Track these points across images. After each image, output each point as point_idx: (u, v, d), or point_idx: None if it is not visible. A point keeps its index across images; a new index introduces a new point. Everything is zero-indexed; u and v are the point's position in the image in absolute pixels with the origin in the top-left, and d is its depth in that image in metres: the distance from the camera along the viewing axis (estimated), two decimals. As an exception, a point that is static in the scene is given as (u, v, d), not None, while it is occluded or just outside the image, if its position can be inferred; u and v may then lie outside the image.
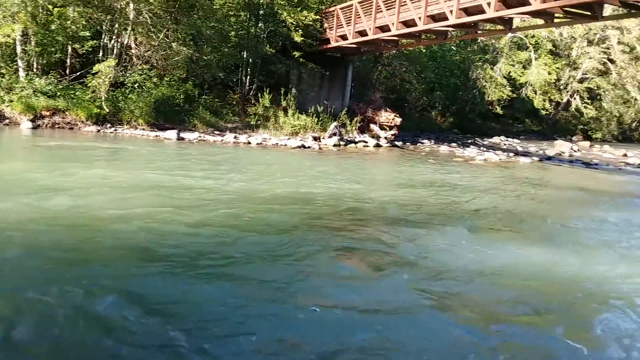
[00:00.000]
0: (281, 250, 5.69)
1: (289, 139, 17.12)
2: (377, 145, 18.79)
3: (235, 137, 16.31)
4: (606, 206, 10.95)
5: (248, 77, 19.79)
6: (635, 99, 34.68)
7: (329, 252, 5.87)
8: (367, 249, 6.25)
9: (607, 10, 18.68)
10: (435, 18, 14.20)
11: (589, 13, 11.99)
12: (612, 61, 33.29)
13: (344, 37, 18.08)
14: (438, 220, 7.95)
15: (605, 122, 35.11)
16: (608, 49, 33.24)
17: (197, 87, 18.01)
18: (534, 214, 9.35)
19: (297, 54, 18.65)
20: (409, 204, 8.99)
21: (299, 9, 18.29)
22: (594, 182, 14.91)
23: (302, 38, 18.21)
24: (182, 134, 15.55)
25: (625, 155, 23.46)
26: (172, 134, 15.30)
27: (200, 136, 15.87)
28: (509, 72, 29.92)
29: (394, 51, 23.08)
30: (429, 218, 8.08)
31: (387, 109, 20.60)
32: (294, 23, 18.05)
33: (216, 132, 16.90)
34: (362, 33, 17.07)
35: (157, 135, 15.34)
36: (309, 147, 16.53)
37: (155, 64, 17.69)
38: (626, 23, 31.82)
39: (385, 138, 19.51)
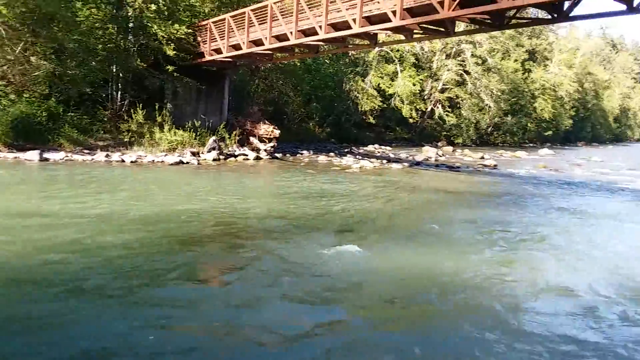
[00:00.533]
0: (134, 271, 5.60)
1: (165, 155, 16.67)
2: (258, 158, 18.97)
3: (107, 156, 15.53)
4: (466, 205, 12.10)
5: (119, 92, 18.95)
6: (489, 107, 38.62)
7: (185, 269, 5.90)
8: (227, 263, 6.39)
9: (460, 26, 20.71)
10: (306, 33, 14.72)
11: (443, 29, 13.17)
12: (467, 72, 36.81)
13: (218, 51, 18.05)
14: (312, 229, 8.27)
15: (464, 128, 38.51)
16: (463, 61, 36.72)
17: (62, 104, 16.86)
18: (404, 217, 10.09)
19: (170, 68, 18.23)
20: (285, 215, 9.23)
21: (170, 22, 17.92)
22: (457, 183, 16.35)
23: (174, 52, 17.85)
24: (45, 155, 14.48)
25: (482, 157, 25.93)
26: (33, 154, 14.18)
27: (67, 156, 14.89)
28: (379, 84, 31.82)
29: (269, 64, 23.48)
30: (304, 227, 8.36)
31: (266, 122, 20.89)
32: (166, 36, 17.65)
33: (85, 151, 15.96)
34: (237, 47, 17.17)
35: (16, 157, 14.13)
36: (187, 162, 16.23)
37: (12, 80, 16.29)
38: (477, 38, 35.45)
39: (265, 150, 19.75)
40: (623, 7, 9.58)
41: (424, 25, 12.73)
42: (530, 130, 46.57)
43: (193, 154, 17.20)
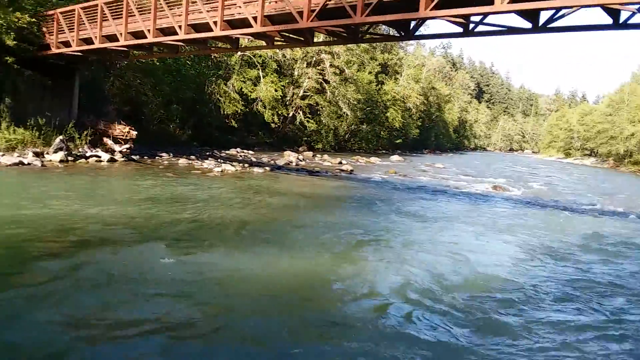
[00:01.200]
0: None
1: (3, 155, 15.03)
2: (112, 160, 17.89)
3: None
4: (321, 209, 12.70)
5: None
6: (347, 115, 40.71)
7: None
8: (46, 273, 6.01)
9: (319, 37, 21.61)
10: (165, 32, 14.32)
11: (302, 39, 13.67)
12: (327, 81, 38.43)
13: (66, 44, 16.76)
14: (158, 236, 8.06)
15: (324, 134, 40.12)
16: (323, 70, 38.27)
17: None
18: (259, 222, 10.28)
19: (10, 59, 16.47)
20: (131, 222, 8.85)
21: (10, 9, 16.20)
22: (315, 188, 17.03)
23: (15, 42, 16.18)
24: None
25: (340, 163, 27.26)
26: None
27: None
28: (241, 88, 31.87)
29: (126, 62, 22.33)
30: (150, 235, 8.13)
31: (122, 122, 19.79)
32: (5, 25, 15.93)
33: None
34: (88, 41, 16.11)
35: None
36: (29, 164, 14.81)
37: None
38: (336, 49, 37.17)
39: (121, 152, 18.70)
40: (460, 29, 10.86)
41: (285, 34, 13.14)
42: (383, 138, 49.98)
43: (36, 154, 15.71)
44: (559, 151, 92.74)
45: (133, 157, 19.12)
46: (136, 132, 19.62)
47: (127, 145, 19.14)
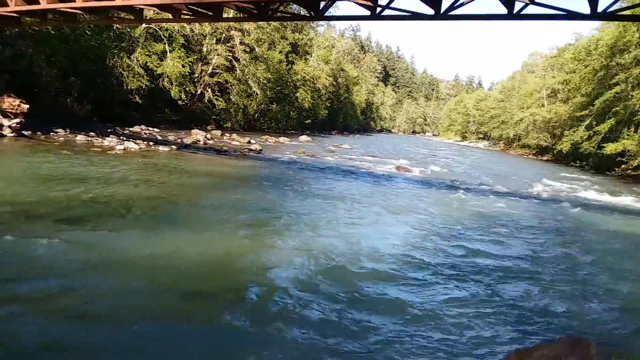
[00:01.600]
0: None
1: None
2: (0, 135, 16.55)
3: None
4: (227, 189, 12.65)
5: None
6: (256, 94, 40.36)
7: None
8: None
9: (229, 12, 21.20)
10: (61, -1, 13.40)
11: (211, 13, 13.39)
12: (236, 59, 37.78)
13: (-55, 6, 15.12)
14: (48, 218, 7.63)
15: (233, 113, 39.54)
16: (233, 47, 37.54)
17: None
18: (167, 201, 10.12)
19: None
20: (21, 202, 8.34)
21: None
22: (223, 167, 16.92)
23: None
24: None
25: (249, 142, 27.10)
26: None
27: None
28: (146, 62, 30.47)
29: (17, 30, 20.54)
30: (38, 216, 7.69)
31: (12, 94, 18.26)
32: None
33: None
34: (-29, 4, 14.66)
35: None
36: None
37: None
38: (246, 26, 36.59)
39: (10, 127, 17.32)
40: (368, 12, 11.23)
41: (192, 7, 12.82)
42: (293, 118, 50.22)
43: None
44: (457, 134, 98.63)
45: (24, 132, 17.78)
46: (28, 106, 18.21)
47: (18, 120, 17.75)
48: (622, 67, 31.74)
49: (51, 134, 19.22)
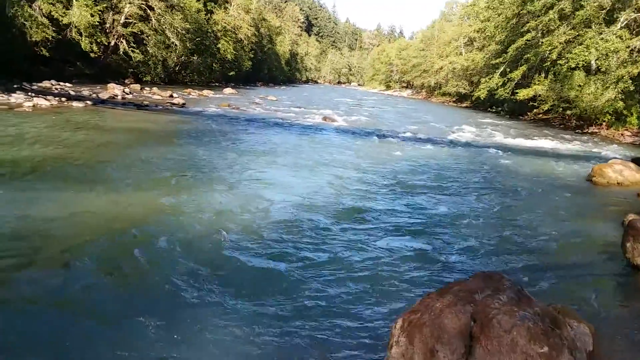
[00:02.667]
0: None
1: None
2: None
3: None
4: (150, 145, 12.17)
5: None
6: (176, 45, 38.57)
7: None
8: None
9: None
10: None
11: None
12: (151, 8, 35.69)
13: None
14: None
15: (152, 65, 37.68)
16: (147, -5, 35.36)
17: None
18: (82, 159, 9.61)
19: None
20: None
21: None
22: (144, 123, 16.27)
23: None
24: None
25: (171, 96, 26.10)
26: None
27: None
28: (50, 11, 28.12)
29: None
30: None
31: None
32: None
33: None
34: None
35: None
36: None
37: None
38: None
39: None
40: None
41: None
42: (216, 70, 48.68)
43: None
44: (381, 84, 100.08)
45: None
46: None
47: None
48: (533, 15, 33.09)
49: (-53, 92, 17.55)
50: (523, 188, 10.50)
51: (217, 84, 45.96)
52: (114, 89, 24.62)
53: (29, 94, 19.40)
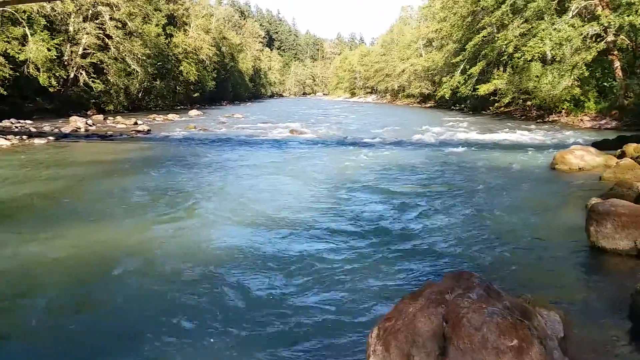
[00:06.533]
0: None
1: None
2: None
3: None
4: (117, 174, 12.05)
5: None
6: (137, 71, 38.25)
7: None
8: None
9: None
10: None
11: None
12: (109, 37, 35.35)
13: None
14: None
15: (114, 94, 37.26)
16: (103, 24, 35.01)
17: None
18: (50, 196, 9.46)
19: None
20: None
21: None
22: (110, 153, 16.09)
23: None
24: None
25: (136, 123, 25.90)
26: None
27: None
28: (6, 49, 27.61)
29: None
30: None
31: None
32: None
33: None
34: None
35: None
36: None
37: None
38: (115, 0, 34.24)
39: None
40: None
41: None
42: (180, 92, 48.47)
43: None
44: (346, 91, 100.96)
45: None
46: None
47: None
48: (487, 11, 33.94)
49: None
50: (489, 182, 10.72)
51: (181, 107, 45.68)
52: (77, 122, 24.28)
53: (-12, 135, 18.96)
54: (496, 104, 32.37)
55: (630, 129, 19.86)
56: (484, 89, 32.43)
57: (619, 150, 13.10)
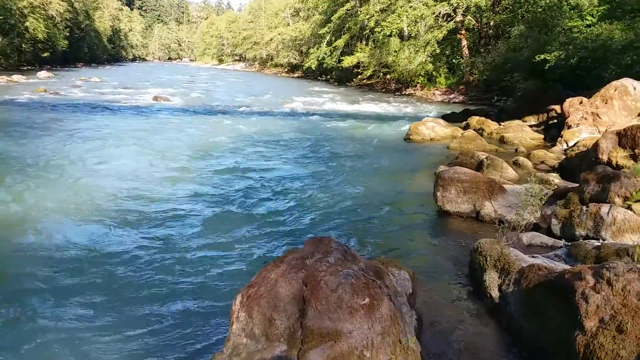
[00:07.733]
0: None
1: None
2: None
3: None
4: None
5: None
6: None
7: None
8: None
9: None
10: None
11: None
12: None
13: None
14: None
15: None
16: None
17: None
18: None
19: None
20: None
21: None
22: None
23: None
24: None
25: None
26: None
27: None
28: None
29: None
30: None
31: None
32: None
33: None
34: None
35: None
36: None
37: None
38: None
39: None
40: None
41: None
42: (26, 51, 43.39)
43: None
44: (213, 58, 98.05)
45: None
46: None
47: None
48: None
49: None
50: (349, 151, 11.28)
51: (29, 67, 41.06)
52: None
53: None
54: (359, 76, 33.73)
55: (475, 103, 22.03)
56: (348, 61, 33.56)
57: (464, 122, 14.55)
